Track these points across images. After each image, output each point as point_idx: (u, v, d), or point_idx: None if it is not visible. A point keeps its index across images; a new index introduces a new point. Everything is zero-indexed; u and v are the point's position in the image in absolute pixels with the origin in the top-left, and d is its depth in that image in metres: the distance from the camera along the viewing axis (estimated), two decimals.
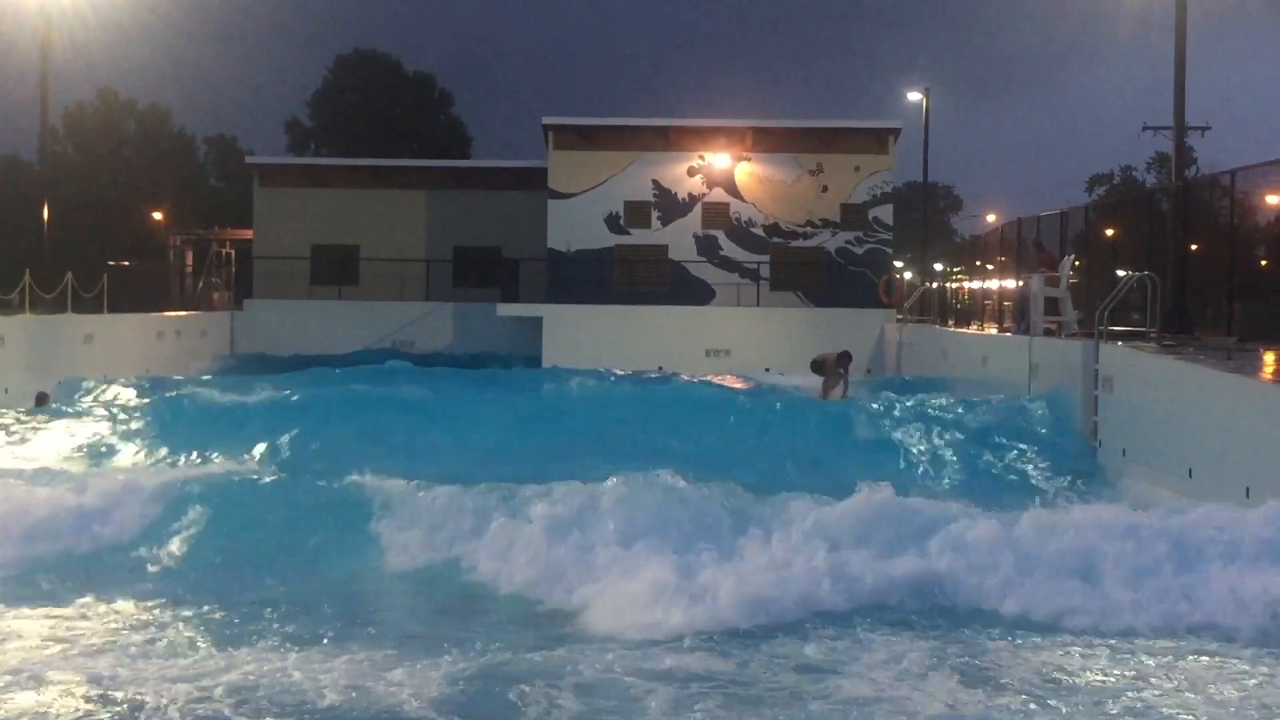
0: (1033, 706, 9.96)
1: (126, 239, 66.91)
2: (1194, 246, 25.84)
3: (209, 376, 36.27)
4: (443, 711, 9.83)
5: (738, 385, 36.44)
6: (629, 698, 10.14)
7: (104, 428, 24.35)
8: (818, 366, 32.14)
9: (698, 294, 47.98)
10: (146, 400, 26.45)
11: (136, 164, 75.89)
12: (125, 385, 29.41)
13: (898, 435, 23.61)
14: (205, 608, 13.03)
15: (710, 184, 48.95)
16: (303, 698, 10.08)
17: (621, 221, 48.85)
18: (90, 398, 28.01)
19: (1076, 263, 29.16)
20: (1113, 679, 10.71)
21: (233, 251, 56.14)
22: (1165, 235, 25.76)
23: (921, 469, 22.27)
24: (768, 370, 41.35)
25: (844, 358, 31.64)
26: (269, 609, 12.98)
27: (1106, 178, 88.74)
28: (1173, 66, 26.93)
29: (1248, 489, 14.79)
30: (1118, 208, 35.77)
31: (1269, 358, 18.73)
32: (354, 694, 10.12)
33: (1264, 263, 24.23)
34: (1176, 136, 27.90)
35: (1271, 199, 22.81)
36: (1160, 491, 17.48)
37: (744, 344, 44.47)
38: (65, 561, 14.97)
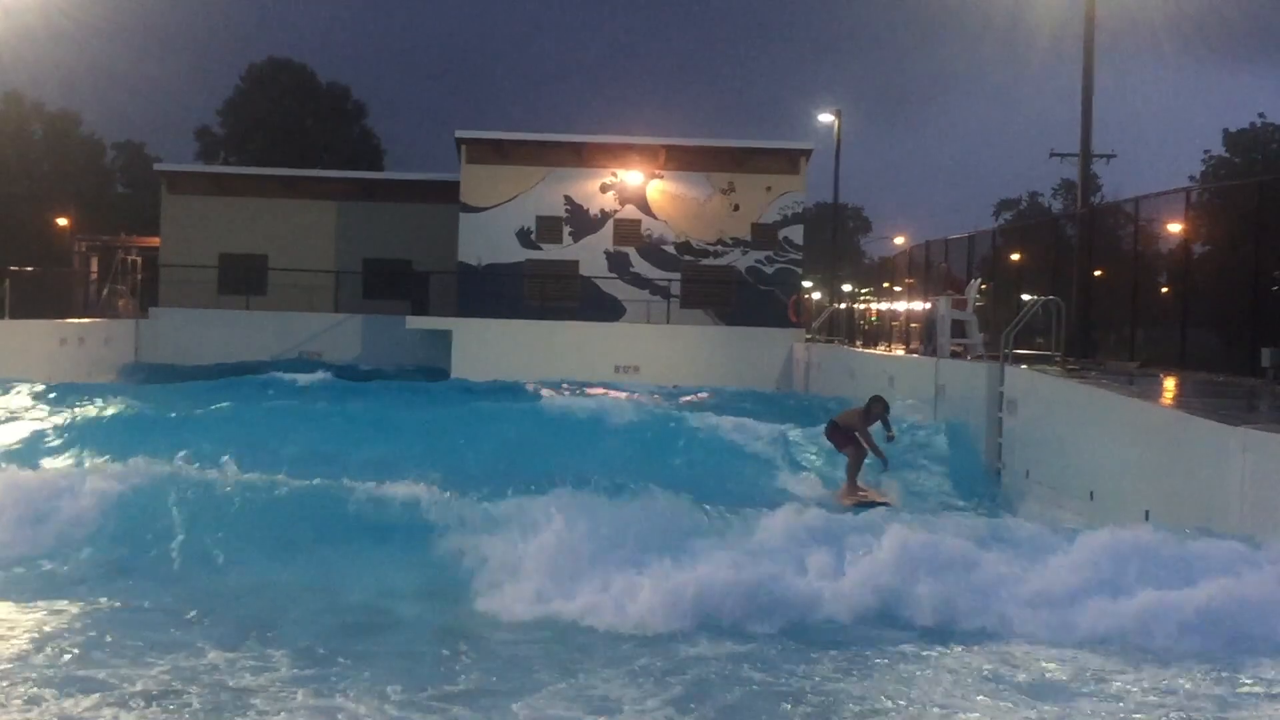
0: None
1: (31, 244, 65.81)
2: (1098, 272, 26.24)
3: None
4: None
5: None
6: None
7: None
8: (835, 432, 21.93)
9: (608, 310, 47.99)
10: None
11: (43, 168, 74.75)
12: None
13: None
14: None
15: (622, 201, 49.01)
16: None
17: (533, 236, 48.80)
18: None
19: (983, 286, 29.51)
20: None
21: (139, 259, 55.45)
22: (1070, 261, 26.17)
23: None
24: (675, 386, 41.41)
25: (875, 404, 21.72)
26: None
27: (1014, 203, 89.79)
28: (1080, 95, 27.33)
29: (1147, 512, 14.97)
30: (1024, 233, 36.27)
31: (1169, 383, 19.04)
32: None
33: (1165, 290, 24.60)
34: (1082, 163, 28.26)
35: (1173, 227, 23.18)
36: (1061, 514, 17.64)
37: (653, 361, 44.51)
38: None
